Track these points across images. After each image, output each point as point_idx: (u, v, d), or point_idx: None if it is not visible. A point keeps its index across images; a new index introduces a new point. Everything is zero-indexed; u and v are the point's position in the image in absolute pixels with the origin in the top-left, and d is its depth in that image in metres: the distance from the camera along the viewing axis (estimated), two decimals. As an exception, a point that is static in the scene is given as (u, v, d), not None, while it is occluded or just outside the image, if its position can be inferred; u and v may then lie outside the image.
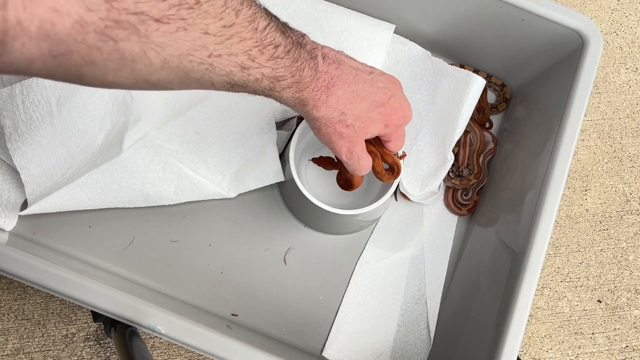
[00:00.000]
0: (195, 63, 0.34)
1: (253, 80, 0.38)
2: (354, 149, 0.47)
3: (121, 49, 0.30)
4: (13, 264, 0.49)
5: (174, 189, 0.61)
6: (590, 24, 0.60)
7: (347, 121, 0.45)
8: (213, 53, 0.34)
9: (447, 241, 0.67)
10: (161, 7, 0.30)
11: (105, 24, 0.28)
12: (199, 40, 0.33)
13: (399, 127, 0.50)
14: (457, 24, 0.66)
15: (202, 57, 0.34)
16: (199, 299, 0.62)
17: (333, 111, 0.44)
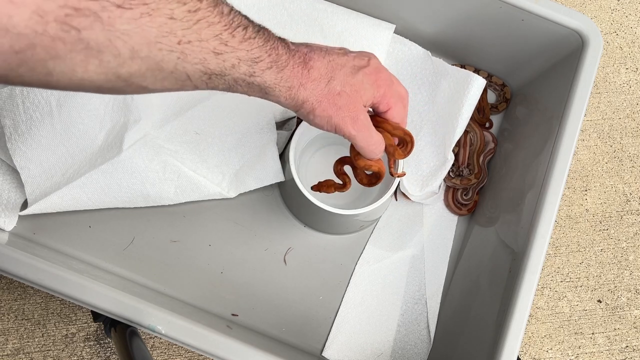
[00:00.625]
0: (166, 51, 0.33)
1: (230, 66, 0.37)
2: (357, 116, 0.45)
3: (85, 38, 0.29)
4: (13, 264, 0.49)
5: (174, 189, 0.61)
6: (590, 24, 0.60)
7: (337, 88, 0.44)
8: (182, 40, 0.33)
9: (447, 241, 0.67)
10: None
11: (65, 12, 0.28)
12: (166, 26, 0.32)
13: (390, 86, 0.48)
14: (457, 24, 0.66)
15: (171, 44, 0.33)
16: (199, 299, 0.62)
17: (319, 83, 0.43)
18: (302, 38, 0.65)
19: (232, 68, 0.37)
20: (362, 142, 0.46)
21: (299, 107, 0.44)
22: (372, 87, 0.46)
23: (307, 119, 0.45)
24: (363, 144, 0.46)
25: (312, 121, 0.45)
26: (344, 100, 0.44)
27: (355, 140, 0.46)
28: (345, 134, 0.45)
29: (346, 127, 0.45)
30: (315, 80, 0.43)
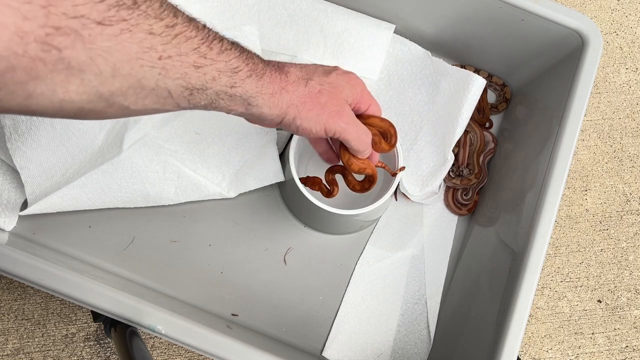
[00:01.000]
0: (147, 67, 0.32)
1: (210, 79, 0.37)
2: (342, 110, 0.45)
3: (66, 58, 0.29)
4: (13, 264, 0.49)
5: (174, 189, 0.61)
6: (590, 24, 0.60)
7: (316, 87, 0.45)
8: (163, 55, 0.33)
9: (447, 241, 0.67)
10: (100, 9, 0.29)
11: (45, 32, 0.27)
12: (146, 42, 0.32)
13: (363, 86, 0.49)
14: (457, 24, 0.66)
15: (152, 59, 0.32)
16: (199, 299, 0.62)
17: (298, 85, 0.44)
18: (302, 38, 0.65)
19: (213, 81, 0.37)
20: (352, 134, 0.47)
21: (283, 113, 0.43)
22: (348, 85, 0.47)
23: (294, 125, 0.45)
24: (354, 136, 0.47)
25: (300, 126, 0.45)
26: (325, 97, 0.45)
27: (346, 134, 0.46)
28: (336, 129, 0.45)
29: (335, 122, 0.45)
30: (294, 83, 0.43)
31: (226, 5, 0.65)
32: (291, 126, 0.45)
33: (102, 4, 0.29)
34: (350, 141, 0.47)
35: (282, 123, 0.44)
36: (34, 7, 0.26)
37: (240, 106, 0.41)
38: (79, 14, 0.28)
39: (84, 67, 0.30)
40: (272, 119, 0.44)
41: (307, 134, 0.46)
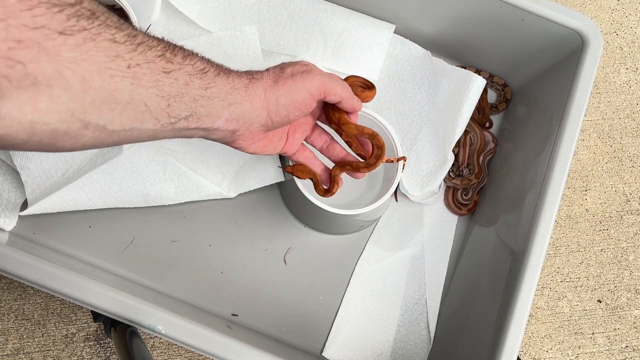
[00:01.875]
0: (118, 77, 0.31)
1: (183, 84, 0.36)
2: (311, 69, 0.45)
3: (32, 72, 0.27)
4: (13, 264, 0.49)
5: (174, 189, 0.61)
6: (590, 24, 0.60)
7: (289, 72, 0.44)
8: (131, 63, 0.32)
9: (447, 241, 0.67)
10: (60, 19, 0.28)
11: (7, 46, 0.26)
12: (111, 50, 0.31)
13: (330, 74, 0.48)
14: (457, 24, 0.66)
15: (121, 68, 0.31)
16: (199, 299, 0.62)
17: (262, 72, 0.43)
18: (302, 38, 0.65)
19: (187, 85, 0.36)
20: (331, 82, 0.46)
21: (266, 102, 0.42)
22: (317, 70, 0.46)
23: (282, 107, 0.43)
24: (334, 84, 0.46)
25: (286, 103, 0.43)
26: (289, 67, 0.45)
27: (327, 84, 0.45)
28: (316, 83, 0.44)
29: (311, 78, 0.44)
30: (258, 73, 0.43)
31: (226, 5, 0.65)
32: (279, 110, 0.43)
33: (60, 14, 0.28)
34: (333, 89, 0.46)
35: (270, 115, 0.43)
36: None
37: (223, 109, 0.40)
38: (39, 25, 0.27)
39: (52, 82, 0.28)
40: (259, 115, 0.42)
41: (297, 109, 0.44)
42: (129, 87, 0.32)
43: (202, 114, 0.38)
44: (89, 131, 0.32)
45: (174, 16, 0.65)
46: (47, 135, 0.30)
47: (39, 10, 0.27)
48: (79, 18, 0.29)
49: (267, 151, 0.48)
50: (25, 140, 0.29)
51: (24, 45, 0.27)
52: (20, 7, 0.26)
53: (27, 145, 0.30)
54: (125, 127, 0.34)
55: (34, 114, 0.28)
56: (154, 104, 0.34)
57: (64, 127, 0.30)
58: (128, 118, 0.33)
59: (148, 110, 0.34)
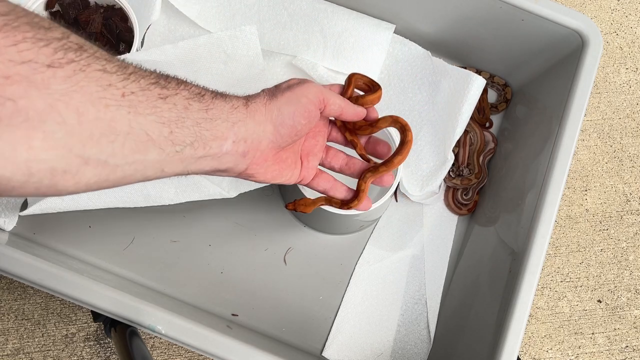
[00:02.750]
0: (113, 107, 0.30)
1: (183, 108, 0.35)
2: (306, 80, 0.44)
3: (23, 109, 0.26)
4: (13, 264, 0.49)
5: (174, 189, 0.61)
6: (590, 24, 0.60)
7: (285, 81, 0.44)
8: (125, 91, 0.31)
9: (447, 241, 0.67)
10: (47, 52, 0.27)
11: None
12: (103, 80, 0.30)
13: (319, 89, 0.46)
14: (457, 24, 0.66)
15: (115, 97, 0.30)
16: (199, 299, 0.62)
17: (258, 93, 0.42)
18: (302, 38, 0.65)
19: (186, 109, 0.35)
20: (329, 93, 0.45)
21: (273, 112, 0.41)
22: (312, 82, 0.45)
23: (295, 116, 0.42)
24: (332, 94, 0.45)
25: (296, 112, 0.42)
26: (297, 87, 0.43)
27: (333, 97, 0.45)
28: (315, 89, 0.44)
29: (308, 86, 0.43)
30: (261, 90, 0.43)
31: (226, 5, 0.65)
32: (284, 120, 0.42)
33: (47, 47, 0.27)
34: (331, 98, 0.45)
35: (276, 127, 0.42)
36: None
37: (227, 130, 0.38)
38: (26, 59, 0.26)
39: (45, 117, 0.27)
40: (265, 130, 0.41)
41: (301, 116, 0.43)
42: (127, 117, 0.31)
43: (208, 138, 0.37)
44: (90, 167, 0.30)
45: (174, 16, 0.65)
46: (46, 175, 0.28)
47: (24, 45, 0.26)
48: (66, 51, 0.28)
49: (284, 176, 0.46)
50: (23, 181, 0.28)
51: (12, 80, 0.26)
52: (5, 42, 0.26)
53: (27, 188, 0.28)
54: (128, 159, 0.32)
55: (29, 152, 0.27)
56: (155, 132, 0.33)
57: (63, 165, 0.29)
58: (130, 149, 0.32)
59: (150, 140, 0.33)
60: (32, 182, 0.28)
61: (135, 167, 0.33)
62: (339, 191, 0.51)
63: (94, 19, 0.63)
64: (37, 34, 0.27)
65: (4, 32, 0.26)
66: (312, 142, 0.49)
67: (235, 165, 0.41)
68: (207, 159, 0.38)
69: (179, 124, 0.35)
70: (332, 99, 0.45)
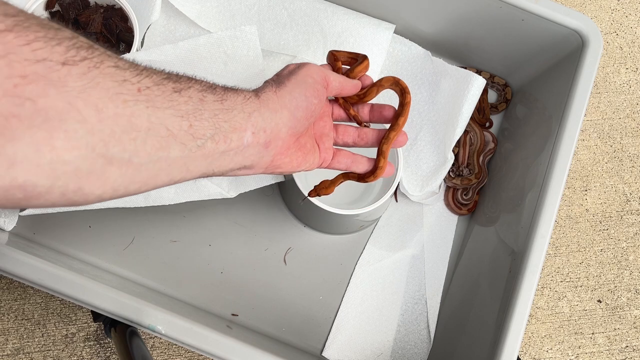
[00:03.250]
0: (131, 102, 0.30)
1: (198, 100, 0.35)
2: (305, 63, 0.45)
3: (43, 108, 0.26)
4: (13, 264, 0.49)
5: (174, 189, 0.61)
6: (590, 24, 0.60)
7: (284, 68, 0.45)
8: (140, 86, 0.31)
9: (447, 241, 0.67)
10: (60, 50, 0.27)
11: (13, 83, 0.25)
12: (117, 75, 0.30)
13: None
14: (457, 24, 0.66)
15: (131, 92, 0.30)
16: (199, 299, 0.62)
17: (271, 78, 0.43)
18: (302, 38, 0.65)
19: (202, 101, 0.35)
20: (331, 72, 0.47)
21: (280, 97, 0.42)
22: (310, 63, 0.47)
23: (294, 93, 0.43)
24: (333, 73, 0.47)
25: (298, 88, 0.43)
26: (299, 69, 0.44)
27: (332, 74, 0.46)
28: (326, 75, 0.45)
29: (319, 68, 0.45)
30: (264, 82, 0.43)
31: (226, 5, 0.65)
32: (298, 102, 0.42)
33: (59, 46, 0.27)
34: (331, 75, 0.46)
35: (292, 112, 0.42)
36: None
37: (244, 121, 0.38)
38: (40, 58, 0.26)
39: (64, 115, 0.26)
40: (281, 116, 0.41)
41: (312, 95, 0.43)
42: (145, 112, 0.31)
43: (227, 130, 0.37)
44: (114, 167, 0.30)
45: (174, 16, 0.65)
46: (72, 177, 0.28)
47: (37, 44, 0.26)
48: (78, 49, 0.28)
49: (308, 163, 0.46)
50: (48, 186, 0.27)
51: (30, 80, 0.25)
52: (19, 42, 0.25)
53: (53, 194, 0.28)
54: (151, 157, 0.32)
55: (52, 154, 0.26)
56: (175, 126, 0.33)
57: (87, 165, 0.28)
58: (152, 147, 0.31)
59: (171, 135, 0.33)
60: (57, 186, 0.28)
61: (159, 166, 0.33)
62: (361, 163, 0.51)
63: (94, 19, 0.63)
64: (47, 33, 0.27)
65: (16, 32, 0.26)
66: (321, 124, 0.50)
67: (260, 158, 0.41)
68: (230, 154, 0.38)
69: (197, 116, 0.34)
70: (332, 76, 0.46)
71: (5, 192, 0.26)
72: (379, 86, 0.50)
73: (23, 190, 0.26)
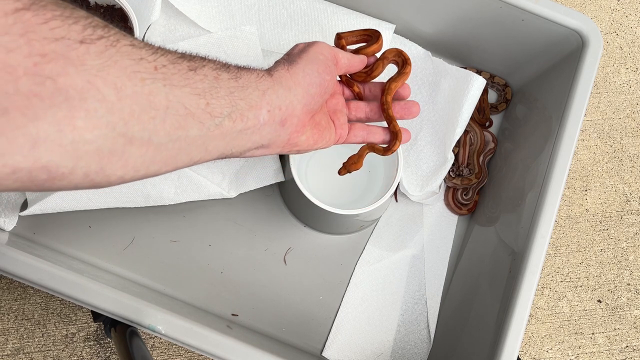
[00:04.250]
0: (149, 80, 0.30)
1: (213, 78, 0.35)
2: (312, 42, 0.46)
3: (63, 87, 0.26)
4: (13, 264, 0.49)
5: (174, 189, 0.61)
6: (590, 24, 0.60)
7: (296, 46, 0.45)
8: (157, 65, 0.31)
9: (447, 241, 0.67)
10: (77, 29, 0.27)
11: (33, 61, 0.25)
12: (134, 54, 0.30)
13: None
14: (457, 24, 0.66)
15: (149, 71, 0.30)
16: (199, 299, 0.62)
17: (281, 58, 0.44)
18: (302, 38, 0.65)
19: (217, 79, 0.35)
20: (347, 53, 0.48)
21: (293, 74, 0.42)
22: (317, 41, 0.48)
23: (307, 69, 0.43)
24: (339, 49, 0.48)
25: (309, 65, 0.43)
26: (308, 47, 0.45)
27: (339, 51, 0.47)
28: (335, 51, 0.46)
29: (327, 45, 0.45)
30: (275, 62, 0.43)
31: (226, 5, 0.65)
32: (311, 78, 0.42)
33: (76, 25, 0.27)
34: (339, 52, 0.47)
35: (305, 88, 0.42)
36: (13, 37, 0.24)
37: (259, 99, 0.38)
38: (59, 36, 0.26)
39: (85, 94, 0.27)
40: (295, 93, 0.41)
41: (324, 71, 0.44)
42: (163, 90, 0.31)
43: (244, 108, 0.37)
44: (134, 147, 0.30)
45: (174, 16, 0.65)
46: (94, 157, 0.28)
47: (55, 23, 0.26)
48: (94, 28, 0.28)
49: (324, 140, 0.47)
50: (71, 167, 0.27)
51: (49, 58, 0.25)
52: (37, 20, 0.26)
53: (76, 175, 0.28)
54: (171, 136, 0.32)
55: (74, 133, 0.26)
56: (192, 104, 0.33)
57: (109, 145, 0.28)
58: (172, 125, 0.32)
59: (189, 113, 0.33)
60: (80, 166, 0.28)
61: (179, 145, 0.33)
62: (377, 133, 0.52)
63: (94, 19, 0.63)
64: (64, 12, 0.27)
65: (33, 10, 0.26)
66: (334, 101, 0.50)
67: (277, 136, 0.41)
68: (248, 133, 0.38)
69: (214, 93, 0.35)
70: (340, 54, 0.47)
71: (29, 174, 0.26)
72: (383, 59, 0.51)
73: (47, 171, 0.26)
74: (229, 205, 0.64)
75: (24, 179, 0.26)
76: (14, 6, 0.25)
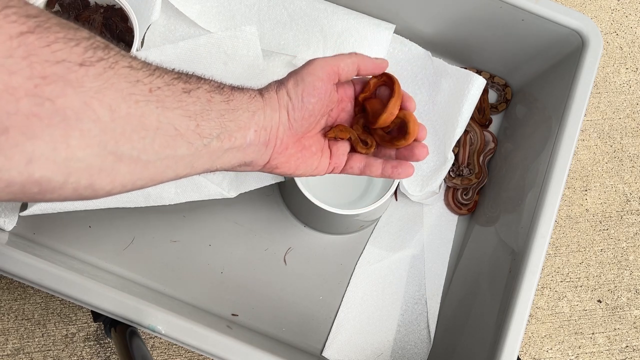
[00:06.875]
0: (142, 102, 0.31)
1: (206, 101, 0.36)
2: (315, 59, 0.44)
3: (61, 108, 0.27)
4: (13, 264, 0.49)
5: (174, 189, 0.61)
6: (590, 24, 0.60)
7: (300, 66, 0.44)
8: (152, 87, 0.32)
9: (447, 241, 0.67)
10: (78, 52, 0.28)
11: (34, 83, 0.26)
12: (131, 76, 0.31)
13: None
14: (457, 24, 0.66)
15: (143, 93, 0.31)
16: (199, 299, 0.62)
17: (283, 77, 0.43)
18: (302, 38, 0.65)
19: (209, 102, 0.36)
20: (344, 55, 0.44)
21: (280, 97, 0.41)
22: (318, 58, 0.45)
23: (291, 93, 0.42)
24: (346, 55, 0.44)
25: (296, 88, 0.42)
26: (302, 68, 0.43)
27: (343, 59, 0.44)
28: (334, 63, 0.43)
29: (324, 61, 0.43)
30: (275, 80, 0.43)
31: (226, 5, 0.65)
32: (294, 102, 0.42)
33: (77, 47, 0.28)
34: (342, 61, 0.44)
35: (288, 110, 0.42)
36: (16, 59, 0.25)
37: (249, 120, 0.39)
38: (60, 59, 0.27)
39: (81, 115, 0.28)
40: (280, 116, 0.41)
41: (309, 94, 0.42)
42: (155, 111, 0.32)
43: (232, 129, 0.38)
44: (123, 164, 0.31)
45: (174, 16, 0.65)
46: (84, 174, 0.29)
47: (57, 46, 0.27)
48: (95, 50, 0.29)
49: (310, 166, 0.45)
50: (62, 182, 0.28)
51: (49, 80, 0.26)
52: (40, 43, 0.27)
53: (66, 189, 0.29)
54: (159, 155, 0.33)
55: (68, 151, 0.28)
56: (183, 125, 0.34)
57: (98, 162, 0.30)
58: (160, 145, 0.33)
59: (179, 134, 0.34)
60: (70, 182, 0.29)
61: (166, 164, 0.34)
62: (375, 167, 0.47)
63: (94, 19, 0.63)
64: (67, 34, 0.28)
65: (37, 33, 0.27)
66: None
67: (259, 156, 0.41)
68: (233, 152, 0.39)
69: (204, 116, 0.36)
70: (343, 61, 0.43)
71: (22, 187, 0.27)
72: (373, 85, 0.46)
73: (39, 185, 0.28)
74: (229, 205, 0.64)
75: (16, 191, 0.27)
76: (19, 30, 0.26)
